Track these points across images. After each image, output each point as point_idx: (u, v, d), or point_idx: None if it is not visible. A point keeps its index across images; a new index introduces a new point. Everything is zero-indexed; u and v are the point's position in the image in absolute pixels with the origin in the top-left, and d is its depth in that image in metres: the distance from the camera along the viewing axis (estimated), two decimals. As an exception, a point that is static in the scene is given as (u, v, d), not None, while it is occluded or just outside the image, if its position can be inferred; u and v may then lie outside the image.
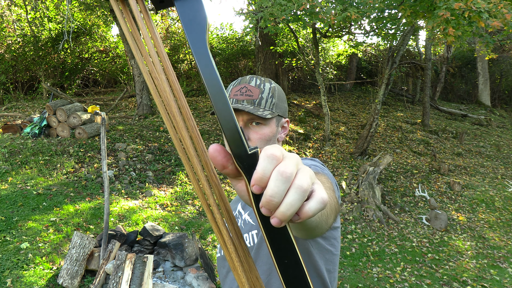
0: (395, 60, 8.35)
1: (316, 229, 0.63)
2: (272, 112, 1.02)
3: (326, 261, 1.00)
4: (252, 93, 1.01)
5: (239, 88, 1.02)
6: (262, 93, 1.02)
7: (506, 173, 8.79)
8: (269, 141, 1.03)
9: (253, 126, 1.01)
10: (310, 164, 0.97)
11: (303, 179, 0.38)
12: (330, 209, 0.67)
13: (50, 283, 3.36)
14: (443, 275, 4.48)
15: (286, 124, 1.11)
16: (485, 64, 15.22)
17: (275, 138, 1.06)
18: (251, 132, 1.01)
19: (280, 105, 1.06)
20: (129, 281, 2.94)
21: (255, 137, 1.01)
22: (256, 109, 0.98)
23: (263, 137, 1.02)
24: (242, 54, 13.21)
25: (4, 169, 5.57)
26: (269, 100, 1.02)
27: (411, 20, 5.88)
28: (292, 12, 6.01)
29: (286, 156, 0.40)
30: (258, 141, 1.01)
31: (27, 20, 11.40)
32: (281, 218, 0.37)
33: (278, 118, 1.06)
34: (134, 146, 6.97)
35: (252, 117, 1.00)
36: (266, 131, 1.02)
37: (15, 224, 4.21)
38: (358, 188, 6.64)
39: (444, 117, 13.51)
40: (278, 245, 0.40)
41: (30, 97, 11.56)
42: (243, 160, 0.42)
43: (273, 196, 0.37)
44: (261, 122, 1.01)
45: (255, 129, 1.01)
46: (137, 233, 3.86)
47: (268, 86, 1.03)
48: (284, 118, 1.10)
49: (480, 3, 4.54)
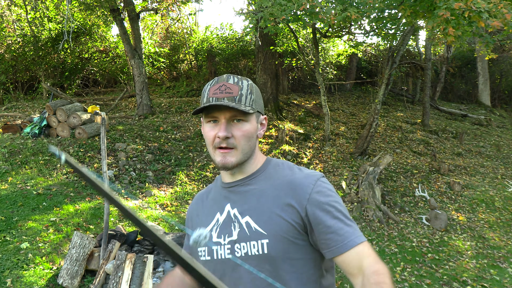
0: (395, 60, 8.35)
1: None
2: (252, 108, 1.03)
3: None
4: (232, 90, 1.01)
5: (217, 86, 1.02)
6: (241, 89, 1.01)
7: (506, 173, 8.79)
8: (252, 138, 1.04)
9: (235, 123, 1.01)
10: (335, 216, 0.98)
11: None
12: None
13: (50, 283, 3.36)
14: (443, 275, 4.48)
15: (264, 121, 1.12)
16: (485, 64, 15.22)
17: (255, 134, 1.06)
18: (234, 129, 1.01)
19: (258, 101, 1.07)
20: (129, 281, 2.94)
21: (238, 134, 1.01)
22: (238, 105, 0.99)
23: (245, 134, 1.02)
24: (242, 54, 13.21)
25: (4, 169, 5.57)
26: (249, 97, 1.02)
27: (411, 20, 5.88)
28: (292, 12, 6.01)
29: None
30: (241, 138, 1.01)
31: (27, 20, 11.41)
32: None
33: (258, 115, 1.07)
34: (134, 146, 6.97)
35: (235, 114, 1.00)
36: (248, 127, 1.02)
37: (15, 224, 4.21)
38: (358, 188, 6.64)
39: (444, 117, 13.51)
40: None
41: (30, 97, 11.56)
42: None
43: None
44: (242, 118, 1.01)
45: (238, 126, 1.01)
46: (137, 233, 3.87)
47: (246, 83, 1.04)
48: (262, 115, 1.10)
49: (480, 3, 4.54)
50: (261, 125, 1.11)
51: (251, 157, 1.07)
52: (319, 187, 1.00)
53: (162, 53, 13.50)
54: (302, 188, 0.99)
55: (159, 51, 13.34)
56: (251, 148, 1.05)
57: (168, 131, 8.31)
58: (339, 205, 0.99)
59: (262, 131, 1.11)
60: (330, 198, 0.99)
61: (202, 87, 12.27)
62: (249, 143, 1.03)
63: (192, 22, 14.81)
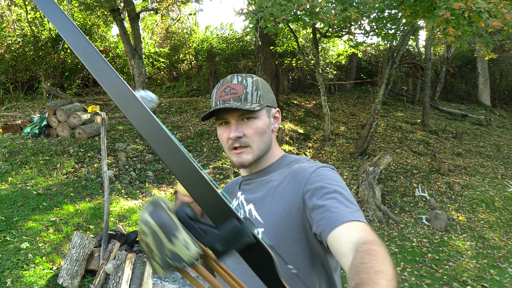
0: (395, 60, 8.35)
1: None
2: (260, 104, 1.02)
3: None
4: (236, 90, 1.01)
5: (222, 89, 1.03)
6: (246, 88, 1.02)
7: (506, 173, 8.79)
8: (264, 134, 1.04)
9: (245, 122, 1.02)
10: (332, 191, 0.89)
11: None
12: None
13: (50, 283, 3.36)
14: (443, 275, 4.48)
15: (277, 114, 1.11)
16: (485, 64, 15.22)
17: (269, 129, 1.06)
18: (245, 127, 1.01)
19: (266, 96, 1.06)
20: (129, 281, 2.94)
21: (249, 132, 1.01)
22: (244, 104, 0.99)
23: (257, 131, 1.02)
24: (242, 54, 13.21)
25: (4, 169, 5.57)
26: (255, 93, 1.02)
27: (411, 20, 5.88)
28: (292, 12, 6.01)
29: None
30: (254, 135, 1.02)
31: (27, 20, 11.41)
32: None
33: (268, 109, 1.07)
34: (134, 146, 6.97)
35: (242, 113, 1.01)
36: (259, 124, 1.02)
37: (15, 224, 4.21)
38: (358, 188, 6.64)
39: (444, 117, 13.51)
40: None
41: (30, 97, 11.56)
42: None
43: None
44: (251, 116, 1.01)
45: (248, 124, 1.02)
46: (137, 233, 3.86)
47: (250, 80, 1.04)
48: (274, 108, 1.10)
49: (480, 3, 4.54)
50: (275, 119, 1.10)
51: (268, 151, 1.07)
52: (318, 172, 0.96)
53: (162, 53, 13.50)
54: (302, 174, 0.97)
55: (159, 51, 13.34)
56: (266, 143, 1.05)
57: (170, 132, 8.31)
58: (339, 188, 0.90)
59: (277, 124, 1.11)
60: (328, 181, 0.93)
61: (202, 87, 12.22)
62: (262, 138, 1.04)
63: (192, 22, 14.81)
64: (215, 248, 0.51)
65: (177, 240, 0.48)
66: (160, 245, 0.49)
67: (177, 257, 0.48)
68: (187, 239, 0.49)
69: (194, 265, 0.50)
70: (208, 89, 12.17)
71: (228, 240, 0.50)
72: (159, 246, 0.49)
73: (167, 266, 0.49)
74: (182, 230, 0.49)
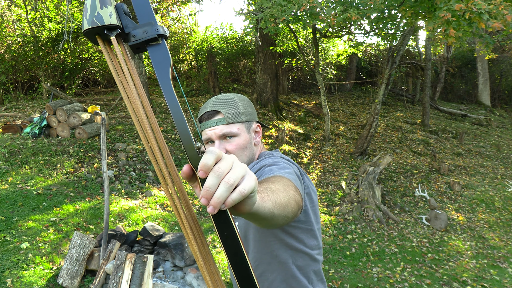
0: (395, 60, 8.35)
1: (273, 219, 0.70)
2: (237, 122, 1.15)
3: (292, 256, 1.07)
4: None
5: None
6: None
7: (506, 173, 8.79)
8: (246, 149, 1.16)
9: (227, 140, 1.14)
10: (272, 163, 1.02)
11: (231, 175, 0.48)
12: (282, 204, 0.72)
13: (50, 283, 3.37)
14: (443, 275, 4.48)
15: (258, 129, 1.22)
16: (485, 64, 15.22)
17: (251, 144, 1.18)
18: (227, 145, 1.14)
19: (244, 112, 1.17)
20: (129, 281, 2.94)
21: (231, 149, 1.14)
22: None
23: (238, 147, 1.14)
24: (242, 54, 13.21)
25: (4, 169, 5.57)
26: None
27: (411, 21, 5.88)
28: (292, 12, 6.01)
29: (224, 157, 0.51)
30: (236, 151, 1.14)
31: (27, 20, 11.40)
32: (214, 206, 0.48)
33: (248, 125, 1.18)
34: (134, 146, 6.97)
35: (224, 133, 1.13)
36: (239, 141, 1.14)
37: (15, 224, 4.21)
38: (358, 188, 6.64)
39: (444, 117, 13.51)
40: (222, 228, 0.52)
41: (30, 97, 11.55)
42: (195, 161, 0.55)
43: (209, 188, 0.47)
44: (232, 135, 1.14)
45: (230, 142, 1.14)
46: (137, 233, 3.87)
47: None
48: (254, 124, 1.21)
49: (480, 4, 4.54)
50: (256, 133, 1.21)
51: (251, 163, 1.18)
52: (268, 156, 1.11)
53: (162, 53, 13.47)
54: (254, 163, 1.12)
55: (159, 51, 13.31)
56: (248, 157, 1.17)
57: (168, 131, 8.31)
58: (284, 162, 1.02)
59: (258, 138, 1.22)
60: (273, 159, 1.06)
61: (202, 87, 12.22)
62: (244, 153, 1.15)
63: (192, 22, 14.81)
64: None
65: (106, 9, 0.59)
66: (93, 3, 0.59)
67: (100, 18, 0.58)
68: (113, 12, 0.59)
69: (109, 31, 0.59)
70: (208, 89, 12.18)
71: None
72: (92, 5, 0.59)
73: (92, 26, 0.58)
74: (113, 8, 0.60)
